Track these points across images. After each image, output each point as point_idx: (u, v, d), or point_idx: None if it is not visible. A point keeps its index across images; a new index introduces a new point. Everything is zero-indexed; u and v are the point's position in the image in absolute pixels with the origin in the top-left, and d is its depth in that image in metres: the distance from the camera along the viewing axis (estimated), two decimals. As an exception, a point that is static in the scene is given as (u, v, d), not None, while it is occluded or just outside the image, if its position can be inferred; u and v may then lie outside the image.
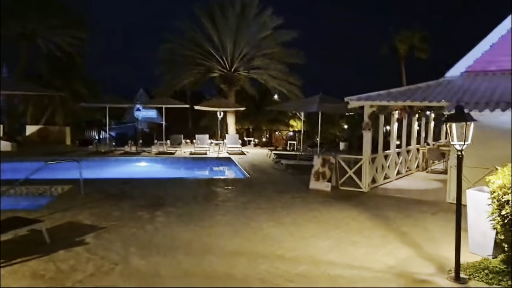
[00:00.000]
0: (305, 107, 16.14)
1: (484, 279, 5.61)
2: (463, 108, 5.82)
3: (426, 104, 10.20)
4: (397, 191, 11.70)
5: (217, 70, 24.58)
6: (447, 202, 10.25)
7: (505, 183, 5.15)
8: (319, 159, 12.03)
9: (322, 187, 11.67)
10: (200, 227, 7.94)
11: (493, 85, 10.55)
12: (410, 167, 15.06)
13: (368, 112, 11.58)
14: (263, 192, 11.43)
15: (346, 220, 8.58)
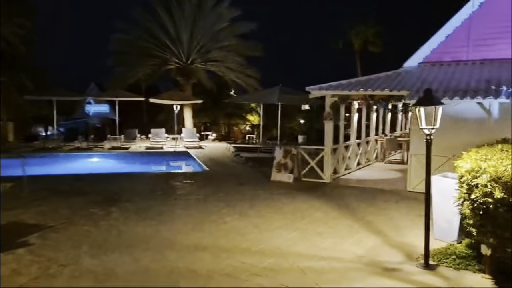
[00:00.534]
0: (265, 99, 15.86)
1: (452, 265, 5.55)
2: (432, 92, 5.69)
3: (387, 93, 10.20)
4: (359, 181, 11.69)
5: (173, 62, 23.80)
6: (408, 190, 10.32)
7: (473, 167, 5.07)
8: (281, 150, 11.79)
9: (284, 179, 11.44)
10: (159, 222, 7.45)
11: (449, 74, 10.72)
12: (369, 158, 15.18)
13: (330, 102, 11.46)
14: (224, 185, 11.04)
15: (310, 210, 8.37)
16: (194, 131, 21.90)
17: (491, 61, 11.24)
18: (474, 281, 5.08)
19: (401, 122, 19.38)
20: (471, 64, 11.37)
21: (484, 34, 11.30)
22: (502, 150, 5.95)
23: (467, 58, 11.57)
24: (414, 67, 11.96)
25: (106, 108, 32.15)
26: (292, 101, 15.49)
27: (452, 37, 11.62)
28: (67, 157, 16.76)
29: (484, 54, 11.35)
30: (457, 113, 9.81)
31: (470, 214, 5.08)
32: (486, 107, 9.49)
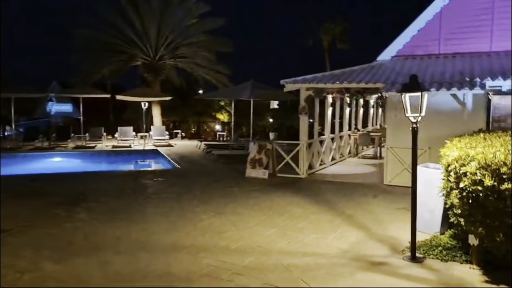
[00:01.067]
0: (237, 95, 15.46)
1: (439, 256, 5.39)
2: (417, 78, 5.50)
3: (362, 86, 10.07)
4: (335, 176, 11.53)
5: (140, 58, 23.01)
6: (385, 184, 10.22)
7: (461, 155, 4.91)
8: (255, 145, 11.47)
9: (259, 175, 11.13)
10: (130, 223, 6.96)
11: (422, 67, 10.72)
12: (343, 153, 15.10)
13: (304, 95, 11.23)
14: (197, 183, 10.61)
15: (289, 206, 8.09)
16: (163, 129, 21.23)
17: (462, 54, 11.34)
18: (462, 272, 4.93)
19: (373, 117, 19.47)
20: (443, 57, 11.42)
21: (455, 28, 11.38)
22: (485, 138, 5.86)
23: (439, 52, 11.62)
24: (387, 60, 11.92)
25: (69, 107, 30.82)
26: (265, 96, 15.17)
27: (424, 30, 11.64)
28: (27, 157, 15.79)
29: (455, 47, 11.43)
30: (432, 105, 9.76)
31: (458, 204, 4.91)
32: (461, 99, 9.50)
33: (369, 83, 9.95)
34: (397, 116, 10.11)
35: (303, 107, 11.17)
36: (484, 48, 11.14)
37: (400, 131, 10.08)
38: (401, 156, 10.05)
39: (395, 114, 10.12)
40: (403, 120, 10.35)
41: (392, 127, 10.16)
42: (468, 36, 11.26)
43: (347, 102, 15.00)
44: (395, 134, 10.14)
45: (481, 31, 11.14)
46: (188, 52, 23.51)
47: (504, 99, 8.93)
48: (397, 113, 10.11)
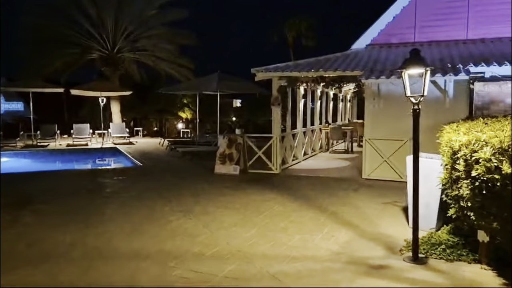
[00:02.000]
0: (202, 87, 14.48)
1: (443, 256, 4.79)
2: (420, 52, 4.88)
3: (339, 74, 9.46)
4: (309, 171, 10.88)
5: (97, 50, 21.54)
6: (364, 178, 9.67)
7: (470, 139, 4.33)
8: (225, 139, 10.63)
9: (229, 171, 10.31)
10: (86, 226, 5.97)
11: (400, 55, 10.23)
12: (315, 147, 14.52)
13: (277, 85, 10.51)
14: (162, 180, 9.66)
15: (267, 203, 7.32)
16: (123, 126, 19.94)
17: (438, 42, 11.00)
18: (473, 273, 4.34)
19: (342, 111, 19.07)
20: (419, 45, 11.01)
21: (430, 15, 11.03)
22: (486, 123, 5.34)
23: (414, 40, 11.25)
24: (362, 49, 11.42)
25: (20, 105, 28.68)
26: (233, 88, 14.34)
27: (400, 17, 11.23)
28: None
29: (431, 35, 11.10)
30: (412, 94, 9.30)
31: (469, 195, 4.31)
32: (441, 87, 9.08)
33: (346, 71, 9.36)
34: (375, 106, 9.59)
35: (275, 97, 10.45)
36: (460, 36, 10.86)
37: (379, 122, 9.58)
38: (381, 148, 9.53)
39: (373, 103, 9.59)
40: (382, 110, 9.88)
41: (371, 117, 9.63)
42: (444, 23, 10.95)
43: (317, 94, 14.43)
44: (374, 125, 9.61)
45: (456, 18, 10.86)
46: (148, 44, 22.25)
47: (486, 86, 8.56)
48: (376, 102, 9.59)
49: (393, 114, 9.42)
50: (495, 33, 10.55)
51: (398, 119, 9.41)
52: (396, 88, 9.36)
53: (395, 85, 9.35)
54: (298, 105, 12.53)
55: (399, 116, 9.40)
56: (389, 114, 9.45)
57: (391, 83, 9.34)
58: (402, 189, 8.55)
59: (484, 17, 10.61)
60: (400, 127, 9.36)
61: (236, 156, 10.35)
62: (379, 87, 9.46)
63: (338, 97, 18.15)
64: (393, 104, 9.43)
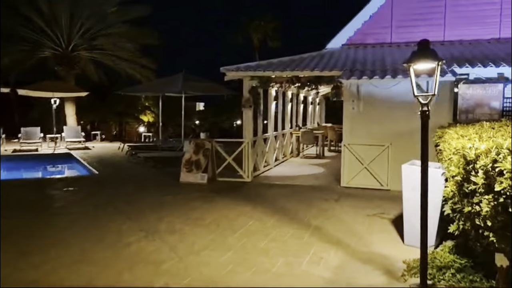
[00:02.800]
0: (166, 89, 13.38)
1: (453, 282, 4.12)
2: (429, 43, 4.18)
3: (317, 73, 8.76)
4: (283, 178, 10.11)
5: (50, 48, 19.92)
6: (342, 186, 9.00)
7: (490, 147, 3.67)
8: (191, 145, 9.68)
9: (196, 180, 9.37)
10: (23, 253, 4.88)
11: (379, 55, 9.71)
12: (285, 152, 13.80)
13: (248, 86, 9.69)
14: (121, 191, 8.60)
15: (241, 219, 6.46)
16: (79, 129, 18.47)
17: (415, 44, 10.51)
18: (493, 305, 3.66)
19: (311, 114, 18.48)
20: (396, 46, 10.57)
21: (407, 14, 10.59)
22: (493, 128, 4.74)
23: (391, 41, 10.77)
24: (338, 48, 10.81)
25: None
26: (199, 89, 13.37)
27: (376, 16, 10.72)
28: None
29: (408, 36, 10.63)
30: (394, 96, 8.75)
31: (489, 213, 3.64)
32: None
33: (324, 71, 8.67)
34: (355, 109, 8.95)
35: (247, 99, 9.62)
36: (437, 37, 10.46)
37: (359, 126, 8.96)
38: (360, 154, 8.90)
39: (352, 106, 8.95)
40: (362, 113, 9.27)
41: (350, 121, 8.99)
42: (421, 24, 10.52)
43: (288, 97, 13.74)
44: (353, 130, 8.98)
45: (433, 19, 10.46)
46: (107, 43, 20.87)
47: (471, 88, 8.11)
48: (355, 105, 8.96)
49: (374, 117, 8.83)
50: (473, 34, 10.22)
51: (379, 123, 8.82)
52: (378, 90, 8.77)
53: (376, 87, 8.75)
54: (269, 108, 11.75)
55: (380, 120, 8.83)
56: (369, 117, 8.85)
57: (372, 84, 8.74)
58: (385, 199, 7.94)
59: (461, 18, 10.27)
60: (381, 131, 8.78)
61: (204, 163, 9.43)
62: (358, 88, 8.84)
63: (307, 100, 17.55)
64: (373, 107, 8.84)
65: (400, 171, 8.51)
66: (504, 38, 9.88)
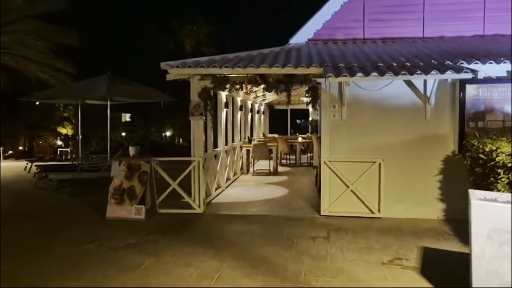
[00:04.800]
0: (87, 93, 10.55)
1: None
2: None
3: (289, 71, 6.76)
4: (244, 206, 7.96)
5: None
6: (323, 215, 7.06)
7: None
8: (123, 166, 7.20)
9: (130, 215, 6.90)
10: None
11: (357, 50, 7.97)
12: (235, 170, 11.67)
13: (198, 87, 7.46)
14: (21, 236, 5.91)
15: (203, 283, 4.21)
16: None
17: (392, 40, 9.03)
18: None
19: (257, 124, 16.55)
20: (371, 42, 8.96)
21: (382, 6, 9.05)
22: None
23: (363, 36, 9.15)
24: (303, 44, 8.96)
25: None
26: (129, 95, 10.75)
27: (347, 8, 9.04)
28: None
29: (383, 31, 9.11)
30: (383, 100, 7.03)
31: None
32: (421, 91, 6.93)
33: (299, 68, 6.70)
34: (336, 116, 7.10)
35: (196, 104, 7.38)
36: (415, 33, 9.02)
37: (342, 137, 7.12)
38: (344, 172, 7.04)
39: (333, 113, 7.08)
40: (345, 121, 7.38)
41: (330, 132, 7.11)
42: (397, 17, 9.03)
43: (238, 104, 11.68)
44: (335, 142, 7.11)
45: (411, 12, 9.01)
46: (12, 41, 17.39)
47: (481, 90, 6.60)
48: (337, 111, 7.11)
49: (361, 127, 7.04)
50: (455, 30, 8.91)
51: (367, 133, 7.05)
52: (365, 93, 7.00)
53: (362, 89, 6.98)
54: (219, 116, 9.59)
55: (368, 130, 7.05)
56: (354, 127, 7.05)
57: (358, 85, 6.96)
58: (383, 232, 6.12)
59: (442, 13, 8.92)
60: (370, 144, 7.01)
61: (140, 191, 6.99)
62: (341, 91, 7.01)
63: (254, 109, 15.61)
64: (360, 114, 7.05)
65: (396, 193, 6.75)
66: (489, 35, 8.67)
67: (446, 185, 6.82)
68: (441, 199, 6.87)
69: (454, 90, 6.81)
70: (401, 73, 5.96)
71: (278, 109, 21.58)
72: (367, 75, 6.00)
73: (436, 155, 6.85)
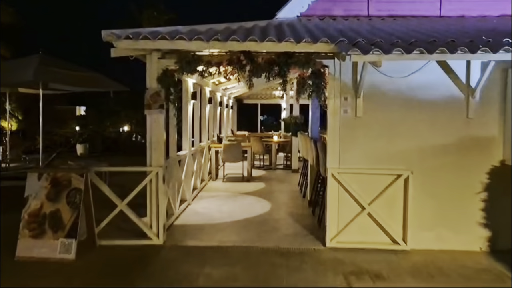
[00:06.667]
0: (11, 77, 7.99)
1: None
2: None
3: (288, 47, 4.80)
4: (218, 231, 5.94)
5: None
6: (329, 246, 5.18)
7: None
8: (43, 180, 4.97)
9: (54, 253, 4.71)
10: None
11: (369, 27, 6.12)
12: (203, 175, 9.60)
13: (157, 70, 5.34)
14: None
15: None
16: None
17: (404, 17, 7.28)
18: None
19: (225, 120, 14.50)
20: (380, 20, 7.16)
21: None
22: None
23: (368, 13, 7.33)
24: (294, 19, 7.03)
25: None
26: (67, 81, 8.37)
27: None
28: None
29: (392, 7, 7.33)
30: (412, 91, 5.22)
31: None
32: (462, 80, 5.16)
33: (302, 43, 4.76)
34: (348, 112, 5.22)
35: (155, 93, 5.28)
36: (431, 11, 7.32)
37: (356, 140, 5.26)
38: (357, 188, 5.19)
39: (345, 108, 5.20)
40: (361, 119, 5.44)
41: (339, 132, 5.23)
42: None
43: (206, 96, 9.61)
44: (346, 146, 5.23)
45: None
46: None
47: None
48: (349, 106, 5.24)
49: (381, 127, 5.21)
50: (478, 9, 7.28)
51: (389, 136, 5.22)
52: (388, 81, 5.17)
53: (385, 76, 5.14)
54: (185, 110, 7.50)
55: (391, 131, 5.23)
56: (373, 126, 5.21)
57: (379, 70, 5.10)
58: (422, 276, 4.34)
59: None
60: (392, 150, 5.18)
61: (69, 217, 4.81)
62: (357, 78, 5.14)
63: (223, 102, 13.56)
64: (381, 109, 5.21)
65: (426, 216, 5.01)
66: None
67: (492, 205, 5.13)
68: (485, 224, 5.16)
69: (505, 80, 5.10)
70: (458, 50, 4.13)
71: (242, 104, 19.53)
72: (409, 53, 4.13)
73: (479, 166, 5.12)
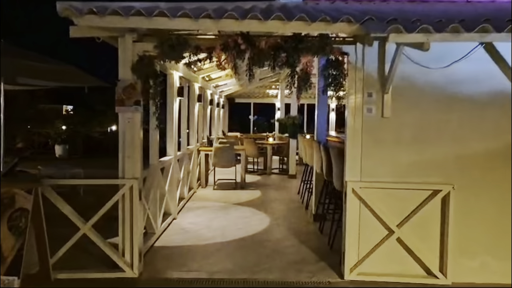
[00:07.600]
0: None
1: None
2: None
3: (300, 27, 3.75)
4: (208, 256, 4.85)
5: None
6: (349, 280, 4.13)
7: None
8: (-18, 198, 3.83)
9: (-7, 291, 3.59)
10: None
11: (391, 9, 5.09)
12: (191, 182, 8.50)
13: (133, 54, 4.23)
14: None
15: None
16: None
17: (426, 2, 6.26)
18: None
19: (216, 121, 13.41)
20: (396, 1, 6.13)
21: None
22: None
23: (384, -4, 6.29)
24: (299, 2, 5.96)
25: None
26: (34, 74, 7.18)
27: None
28: None
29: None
30: (452, 85, 4.18)
31: None
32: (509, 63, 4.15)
33: (317, 22, 3.71)
34: (373, 111, 4.17)
35: (129, 85, 4.18)
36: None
37: (382, 147, 4.21)
38: (382, 206, 4.14)
39: (368, 106, 4.15)
40: (389, 119, 4.29)
41: (360, 136, 4.18)
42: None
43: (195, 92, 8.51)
44: (368, 154, 4.18)
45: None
46: None
47: None
48: (374, 104, 4.19)
49: (414, 129, 4.16)
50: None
51: (423, 141, 4.17)
52: (421, 73, 4.13)
53: (419, 66, 4.10)
54: (170, 108, 6.40)
55: (426, 135, 4.19)
56: (404, 130, 4.16)
57: (411, 59, 4.07)
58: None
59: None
60: (430, 159, 4.14)
61: (11, 247, 3.67)
62: (384, 68, 4.09)
63: (214, 100, 12.46)
64: (413, 108, 4.17)
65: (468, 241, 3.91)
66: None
67: (550, 228, 4.11)
68: (541, 252, 4.14)
69: None
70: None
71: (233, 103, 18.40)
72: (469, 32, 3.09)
73: (535, 179, 4.11)
